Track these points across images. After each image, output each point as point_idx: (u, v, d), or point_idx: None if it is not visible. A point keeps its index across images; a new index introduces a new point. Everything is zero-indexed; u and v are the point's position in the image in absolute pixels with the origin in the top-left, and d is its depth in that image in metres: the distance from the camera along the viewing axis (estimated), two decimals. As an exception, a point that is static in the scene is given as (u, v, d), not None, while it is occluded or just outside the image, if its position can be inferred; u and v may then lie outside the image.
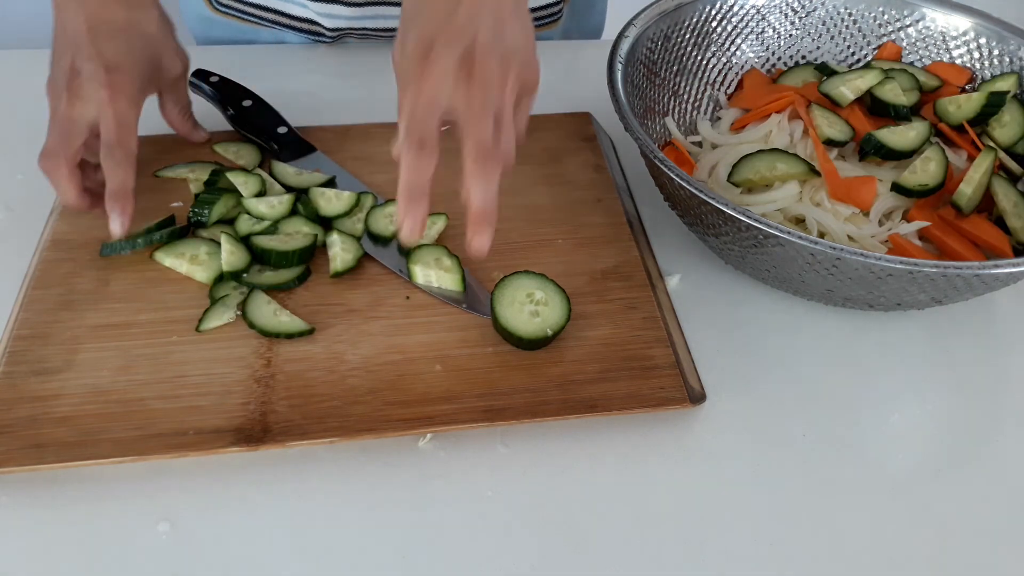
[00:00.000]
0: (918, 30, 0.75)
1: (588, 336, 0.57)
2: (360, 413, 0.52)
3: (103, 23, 0.59)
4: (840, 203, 0.62)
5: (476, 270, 0.62)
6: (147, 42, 0.62)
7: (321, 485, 0.50)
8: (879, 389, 0.57)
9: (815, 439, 0.54)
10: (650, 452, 0.53)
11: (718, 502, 0.50)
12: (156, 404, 0.52)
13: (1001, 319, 0.63)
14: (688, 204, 0.59)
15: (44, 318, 0.57)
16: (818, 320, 0.61)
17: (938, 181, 0.62)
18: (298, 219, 0.63)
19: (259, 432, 0.51)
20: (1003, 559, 0.49)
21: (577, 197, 0.68)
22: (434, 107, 0.50)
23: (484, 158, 0.50)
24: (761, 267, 0.59)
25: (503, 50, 0.51)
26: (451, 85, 0.50)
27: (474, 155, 0.50)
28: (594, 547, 0.48)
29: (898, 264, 0.50)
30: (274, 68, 0.84)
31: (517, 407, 0.53)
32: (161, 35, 0.64)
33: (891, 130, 0.65)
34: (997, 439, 0.55)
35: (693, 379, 0.55)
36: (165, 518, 0.48)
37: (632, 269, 0.62)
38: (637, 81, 0.67)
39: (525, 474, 0.51)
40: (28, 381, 0.53)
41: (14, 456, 0.49)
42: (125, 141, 0.59)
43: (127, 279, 0.60)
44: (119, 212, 0.59)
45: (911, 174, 0.62)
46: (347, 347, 0.56)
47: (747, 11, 0.75)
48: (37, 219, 0.65)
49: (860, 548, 0.49)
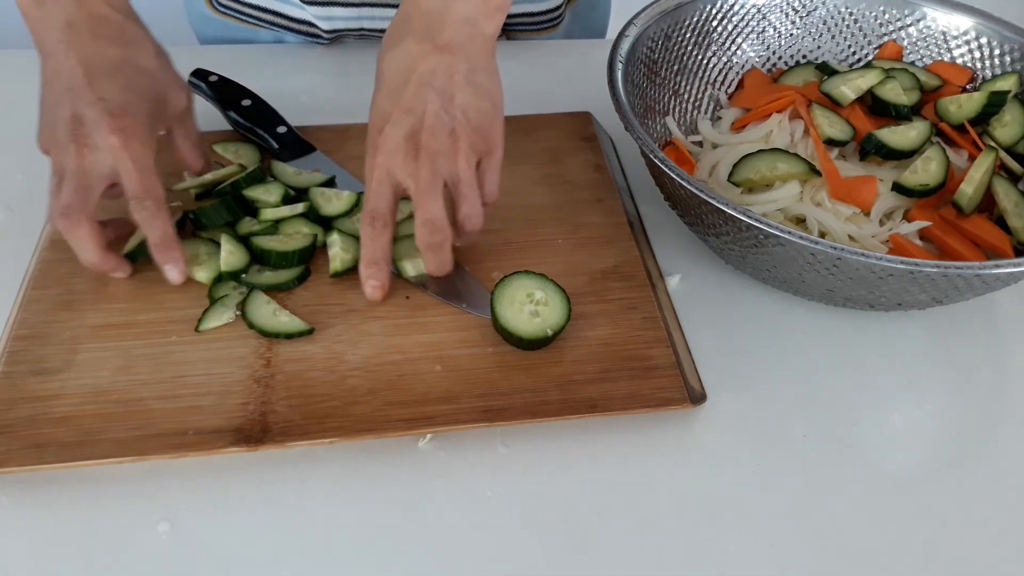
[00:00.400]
0: (919, 29, 0.75)
1: (588, 336, 0.57)
2: (360, 413, 0.52)
3: (99, 63, 0.55)
4: (841, 203, 0.61)
5: (476, 270, 0.62)
6: (147, 78, 0.58)
7: (321, 485, 0.50)
8: (879, 389, 0.57)
9: (815, 439, 0.54)
10: (650, 452, 0.53)
11: (718, 502, 0.50)
12: (156, 404, 0.52)
13: (1001, 319, 0.63)
14: (688, 204, 0.59)
15: (43, 318, 0.57)
16: (818, 320, 0.61)
17: (939, 181, 0.62)
18: (298, 219, 0.63)
19: (259, 432, 0.51)
20: (1003, 559, 0.49)
21: (577, 197, 0.68)
22: (385, 184, 0.54)
23: (432, 234, 0.55)
24: (761, 267, 0.59)
25: (452, 122, 0.54)
26: (400, 161, 0.54)
27: (423, 235, 0.55)
28: (594, 547, 0.48)
29: (899, 264, 0.50)
30: (273, 68, 0.84)
31: (517, 407, 0.53)
32: (160, 70, 0.60)
33: (892, 130, 0.65)
34: (997, 439, 0.55)
35: (693, 379, 0.55)
36: (165, 518, 0.48)
37: (632, 269, 0.62)
38: (637, 80, 0.67)
39: (525, 474, 0.51)
40: (28, 381, 0.53)
41: (14, 456, 0.49)
42: (151, 188, 0.55)
43: (127, 279, 0.60)
44: (172, 263, 0.57)
45: (912, 174, 0.62)
46: (347, 347, 0.56)
47: (748, 10, 0.75)
48: (37, 219, 0.65)
49: (860, 548, 0.49)
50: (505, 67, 0.86)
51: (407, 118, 0.53)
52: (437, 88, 0.53)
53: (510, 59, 0.87)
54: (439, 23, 0.53)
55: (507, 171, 0.70)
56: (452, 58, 0.53)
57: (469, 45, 0.54)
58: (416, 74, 0.53)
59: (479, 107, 0.55)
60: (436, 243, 0.55)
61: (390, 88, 0.54)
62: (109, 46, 0.56)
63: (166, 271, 0.57)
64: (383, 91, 0.55)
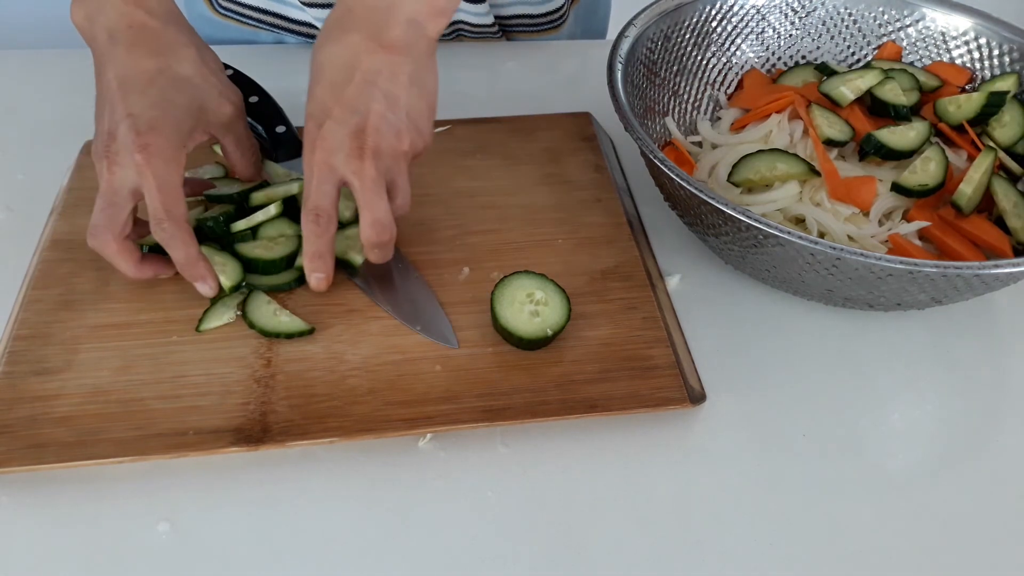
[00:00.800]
0: (918, 30, 0.75)
1: (588, 336, 0.57)
2: (360, 413, 0.52)
3: (133, 76, 0.55)
4: (840, 203, 0.62)
5: (476, 269, 0.62)
6: (182, 89, 0.57)
7: (321, 485, 0.50)
8: (879, 389, 0.57)
9: (815, 439, 0.54)
10: (650, 452, 0.53)
11: (718, 502, 0.50)
12: (156, 404, 0.52)
13: (1001, 319, 0.63)
14: (688, 204, 0.59)
15: (44, 318, 0.57)
16: (818, 320, 0.61)
17: (938, 181, 0.62)
18: (281, 221, 0.62)
19: (259, 432, 0.51)
20: (1003, 559, 0.49)
21: (577, 197, 0.68)
22: (327, 181, 0.54)
23: (380, 234, 0.55)
24: (761, 267, 0.59)
25: (396, 123, 0.53)
26: (344, 159, 0.53)
27: (370, 234, 0.55)
28: (594, 547, 0.48)
29: (898, 264, 0.50)
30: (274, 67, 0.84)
31: (517, 407, 0.53)
32: (199, 77, 0.58)
33: (891, 130, 0.65)
34: (997, 439, 0.55)
35: (693, 379, 0.55)
36: (165, 518, 0.48)
37: (632, 269, 0.62)
38: (637, 81, 0.67)
39: (525, 474, 0.51)
40: (28, 381, 0.53)
41: (14, 456, 0.49)
42: (171, 209, 0.54)
43: (127, 279, 0.59)
44: (199, 280, 0.57)
45: (911, 174, 0.62)
46: (347, 347, 0.56)
47: (747, 11, 0.75)
48: (37, 219, 0.65)
49: (860, 548, 0.49)
50: (505, 67, 0.87)
51: (351, 116, 0.53)
52: (382, 88, 0.53)
53: (510, 59, 0.87)
54: (385, 21, 0.53)
55: (507, 171, 0.70)
56: (398, 58, 0.53)
57: (414, 46, 0.54)
58: (360, 71, 0.53)
59: (420, 109, 0.55)
60: (384, 242, 0.56)
61: (332, 83, 0.54)
62: (145, 57, 0.56)
63: (197, 287, 0.57)
64: (323, 85, 0.54)
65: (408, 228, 0.64)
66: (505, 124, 0.75)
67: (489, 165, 0.71)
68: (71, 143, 0.71)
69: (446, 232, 0.64)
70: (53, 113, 0.76)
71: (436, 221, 0.65)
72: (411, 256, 0.62)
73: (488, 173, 0.70)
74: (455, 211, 0.66)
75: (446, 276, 0.61)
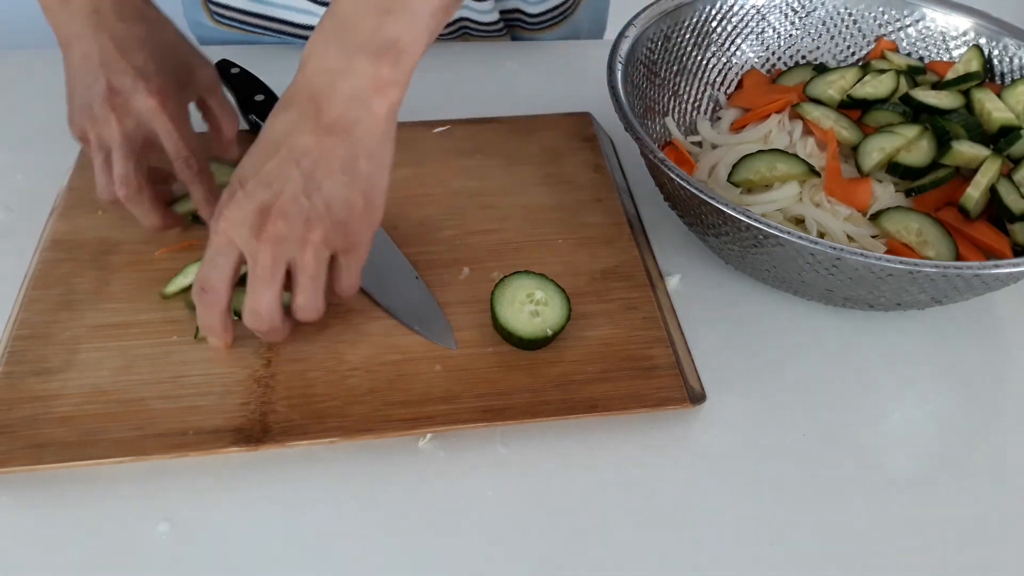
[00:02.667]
0: (918, 30, 0.75)
1: (588, 336, 0.57)
2: (360, 413, 0.52)
3: (128, 38, 0.57)
4: (839, 203, 0.62)
5: (476, 269, 0.62)
6: (173, 51, 0.60)
7: (321, 485, 0.50)
8: (879, 389, 0.57)
9: (815, 439, 0.54)
10: (650, 452, 0.53)
11: (718, 502, 0.50)
12: (156, 404, 0.52)
13: (1001, 319, 0.63)
14: (688, 204, 0.59)
15: (44, 318, 0.57)
16: (818, 320, 0.61)
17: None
18: None
19: (259, 432, 0.51)
20: (1003, 559, 0.49)
21: (577, 197, 0.68)
22: (224, 253, 0.50)
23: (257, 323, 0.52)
24: (761, 267, 0.59)
25: (309, 211, 0.48)
26: (245, 235, 0.49)
27: (248, 321, 0.52)
28: (594, 547, 0.48)
29: (898, 264, 0.50)
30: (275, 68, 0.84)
31: (517, 407, 0.53)
32: (183, 44, 0.62)
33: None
34: (997, 439, 0.55)
35: (693, 379, 0.55)
36: (165, 518, 0.48)
37: (632, 269, 0.62)
38: (637, 81, 0.67)
39: (525, 474, 0.51)
40: (28, 381, 0.53)
41: (14, 456, 0.49)
42: (194, 146, 0.58)
43: (127, 279, 0.60)
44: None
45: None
46: (347, 347, 0.56)
47: (747, 11, 0.75)
48: (37, 219, 0.65)
49: (860, 548, 0.49)
50: (505, 67, 0.87)
51: (263, 191, 0.48)
52: (304, 169, 0.48)
53: (510, 59, 0.87)
54: (325, 98, 0.48)
55: (507, 171, 0.70)
56: (332, 141, 0.48)
57: (355, 128, 0.48)
58: (286, 148, 0.48)
59: (348, 200, 0.49)
60: (262, 332, 0.52)
61: (259, 153, 0.50)
62: (134, 24, 0.58)
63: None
64: (253, 153, 0.50)
65: (408, 228, 0.64)
66: (505, 124, 0.75)
67: (489, 165, 0.71)
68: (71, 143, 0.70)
69: (446, 232, 0.64)
70: (53, 113, 0.76)
71: (436, 221, 0.65)
72: (411, 256, 0.62)
73: (488, 173, 0.70)
74: (455, 211, 0.66)
75: (446, 276, 0.61)
